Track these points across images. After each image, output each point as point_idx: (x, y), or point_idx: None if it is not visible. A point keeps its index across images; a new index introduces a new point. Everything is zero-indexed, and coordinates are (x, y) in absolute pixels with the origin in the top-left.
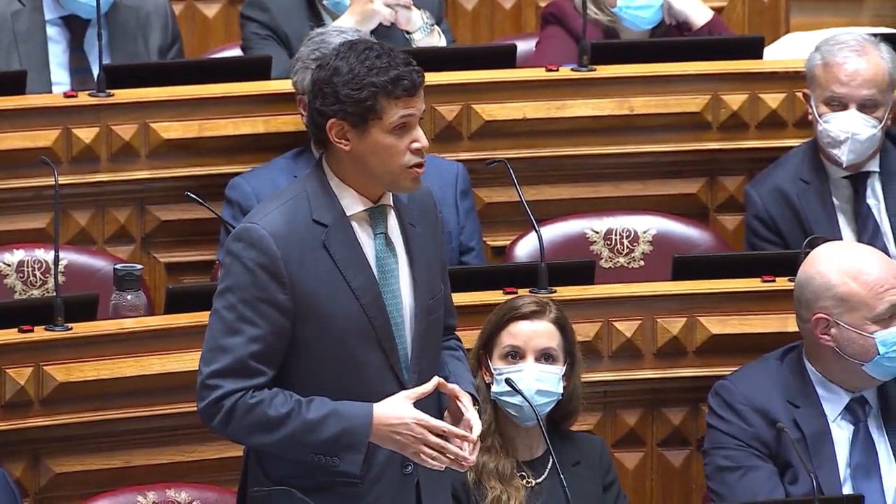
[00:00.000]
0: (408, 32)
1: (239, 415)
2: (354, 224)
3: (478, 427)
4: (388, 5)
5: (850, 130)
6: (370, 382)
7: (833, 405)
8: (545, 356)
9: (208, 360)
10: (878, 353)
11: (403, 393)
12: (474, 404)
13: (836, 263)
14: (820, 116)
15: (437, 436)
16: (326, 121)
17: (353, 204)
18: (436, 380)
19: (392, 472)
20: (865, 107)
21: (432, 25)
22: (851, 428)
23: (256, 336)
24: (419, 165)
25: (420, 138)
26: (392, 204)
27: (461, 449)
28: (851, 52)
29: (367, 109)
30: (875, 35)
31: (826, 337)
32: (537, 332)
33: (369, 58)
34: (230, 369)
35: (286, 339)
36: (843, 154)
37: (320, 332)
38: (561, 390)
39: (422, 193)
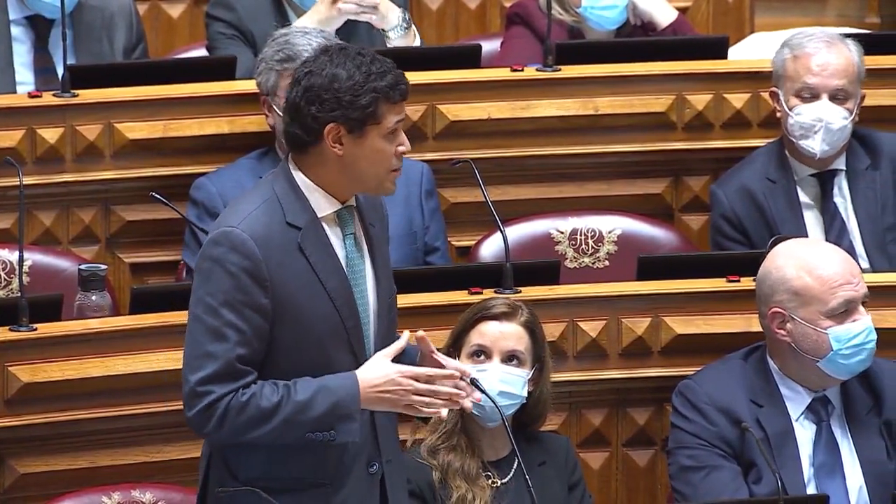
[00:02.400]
0: (384, 31)
1: (233, 415)
2: (325, 225)
3: (464, 366)
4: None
5: (823, 118)
6: None
7: (796, 404)
8: (511, 358)
9: (195, 368)
10: (832, 350)
11: (380, 353)
12: None
13: (794, 258)
14: (791, 109)
15: (425, 382)
16: (323, 126)
17: (323, 205)
18: (407, 334)
19: (358, 471)
20: (836, 98)
21: (408, 24)
22: (814, 427)
23: (242, 340)
24: (399, 169)
25: (405, 142)
26: (356, 205)
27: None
28: (821, 44)
29: (368, 115)
30: (841, 34)
31: (782, 332)
32: (505, 333)
33: (364, 63)
34: (219, 374)
35: (266, 341)
36: (817, 144)
37: (297, 335)
38: (525, 394)
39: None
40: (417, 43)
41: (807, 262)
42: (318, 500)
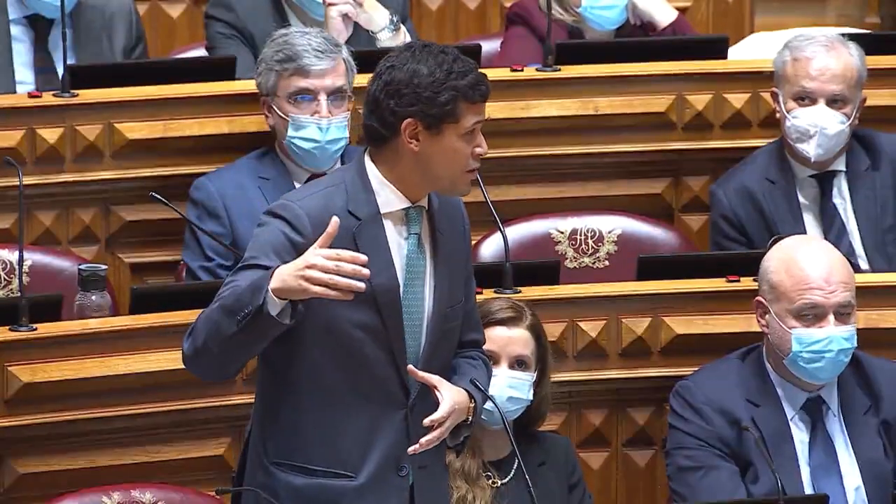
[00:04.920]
0: (372, 32)
1: (199, 322)
2: (388, 222)
3: (440, 412)
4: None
5: (818, 124)
6: (375, 378)
7: (791, 404)
8: (518, 363)
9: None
10: (792, 350)
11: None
12: (480, 397)
13: (783, 252)
14: (788, 112)
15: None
16: (401, 120)
17: (391, 201)
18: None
19: (385, 470)
20: (834, 102)
21: (397, 25)
22: (809, 427)
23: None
24: (476, 170)
25: (482, 144)
26: (427, 207)
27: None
28: (821, 48)
29: (446, 113)
30: (843, 35)
31: (762, 321)
32: (513, 338)
33: (447, 61)
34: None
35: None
36: (812, 149)
37: (331, 322)
38: (531, 397)
39: (450, 204)
40: None
41: (790, 258)
42: (340, 490)
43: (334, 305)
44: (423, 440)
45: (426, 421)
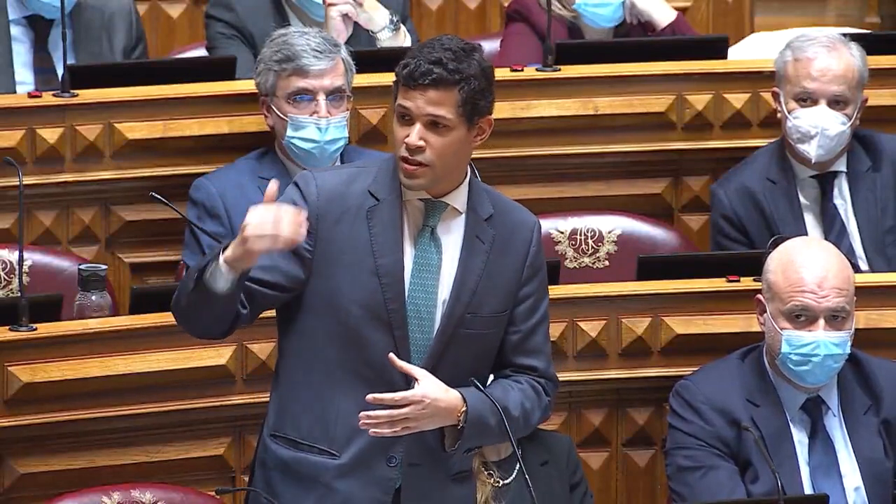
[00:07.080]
0: (372, 32)
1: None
2: (408, 210)
3: (394, 394)
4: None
5: (819, 125)
6: (372, 361)
7: (790, 404)
8: None
9: None
10: (782, 351)
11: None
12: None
13: (784, 252)
14: (789, 112)
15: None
16: None
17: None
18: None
19: (372, 456)
20: (836, 103)
21: (397, 25)
22: (808, 427)
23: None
24: (407, 161)
25: (411, 135)
26: (462, 209)
27: None
28: (822, 49)
29: (394, 91)
30: (844, 35)
31: (760, 320)
32: None
33: (426, 46)
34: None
35: (288, 287)
36: (812, 149)
37: (331, 294)
38: None
39: (518, 223)
40: (408, 43)
41: (788, 259)
42: (321, 466)
43: (338, 278)
44: (363, 413)
45: (369, 397)
